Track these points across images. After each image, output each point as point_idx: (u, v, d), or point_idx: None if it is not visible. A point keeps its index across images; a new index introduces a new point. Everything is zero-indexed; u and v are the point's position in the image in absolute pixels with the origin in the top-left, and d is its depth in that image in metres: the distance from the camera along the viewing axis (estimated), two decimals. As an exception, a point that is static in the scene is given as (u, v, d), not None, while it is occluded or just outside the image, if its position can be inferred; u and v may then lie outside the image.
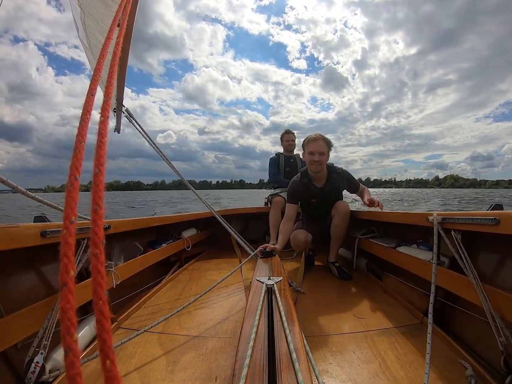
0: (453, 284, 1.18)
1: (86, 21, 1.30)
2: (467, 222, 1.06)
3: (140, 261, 1.76)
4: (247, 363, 0.59)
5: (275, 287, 1.00)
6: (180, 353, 1.14)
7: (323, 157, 2.03)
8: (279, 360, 0.60)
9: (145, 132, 2.09)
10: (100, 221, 0.24)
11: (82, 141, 0.26)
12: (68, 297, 0.23)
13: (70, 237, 0.24)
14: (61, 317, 0.23)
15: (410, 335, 1.22)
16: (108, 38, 0.36)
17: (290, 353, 0.62)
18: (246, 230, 3.48)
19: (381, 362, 1.03)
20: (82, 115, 0.27)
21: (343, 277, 2.01)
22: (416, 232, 1.66)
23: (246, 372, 0.56)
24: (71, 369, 0.22)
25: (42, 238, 0.99)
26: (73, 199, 0.24)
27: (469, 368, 0.95)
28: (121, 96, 1.90)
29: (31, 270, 1.12)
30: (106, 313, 0.24)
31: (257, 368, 0.58)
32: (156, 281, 2.03)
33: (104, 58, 0.32)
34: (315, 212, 2.32)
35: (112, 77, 0.31)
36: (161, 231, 2.34)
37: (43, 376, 0.93)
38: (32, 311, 0.96)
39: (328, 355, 1.09)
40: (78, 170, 0.25)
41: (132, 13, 1.33)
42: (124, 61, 1.63)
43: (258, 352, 0.63)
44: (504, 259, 1.07)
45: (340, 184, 2.18)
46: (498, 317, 0.93)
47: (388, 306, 1.53)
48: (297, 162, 3.27)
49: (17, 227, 0.91)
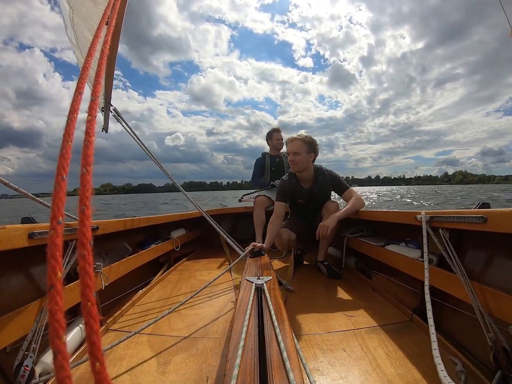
0: (441, 282, 1.20)
1: (74, 19, 1.27)
2: (455, 221, 1.08)
3: (129, 262, 1.73)
4: (238, 363, 0.59)
5: (264, 287, 1.00)
6: (170, 354, 1.13)
7: (297, 157, 2.03)
8: (270, 359, 0.60)
9: (133, 132, 2.10)
10: (87, 222, 0.24)
11: (69, 140, 0.25)
12: (56, 299, 0.23)
13: (58, 238, 0.23)
14: (50, 319, 0.22)
15: (400, 333, 1.24)
16: (97, 36, 0.35)
17: (280, 352, 0.62)
18: (235, 230, 3.48)
19: (371, 360, 1.04)
20: (69, 114, 0.27)
21: (332, 275, 2.03)
22: (404, 231, 1.70)
23: (237, 372, 0.56)
24: (61, 372, 0.22)
25: (30, 240, 0.97)
26: (60, 199, 0.24)
27: (459, 364, 0.97)
28: (109, 95, 1.88)
29: (19, 272, 1.09)
30: (94, 315, 0.23)
31: (248, 368, 0.58)
32: (146, 282, 2.01)
33: (92, 56, 0.32)
34: (303, 212, 2.34)
35: (100, 75, 0.30)
36: (150, 232, 2.31)
37: (33, 380, 0.91)
38: (21, 313, 0.94)
39: (319, 354, 1.10)
40: (65, 170, 0.24)
41: (121, 11, 1.31)
42: (113, 59, 1.61)
43: (248, 352, 0.63)
44: (492, 257, 1.10)
45: (327, 186, 2.18)
46: (486, 313, 0.95)
47: (377, 304, 1.55)
48: (283, 161, 3.26)
49: (4, 228, 0.88)
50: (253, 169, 3.30)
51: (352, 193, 2.10)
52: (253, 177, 3.29)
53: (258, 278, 1.12)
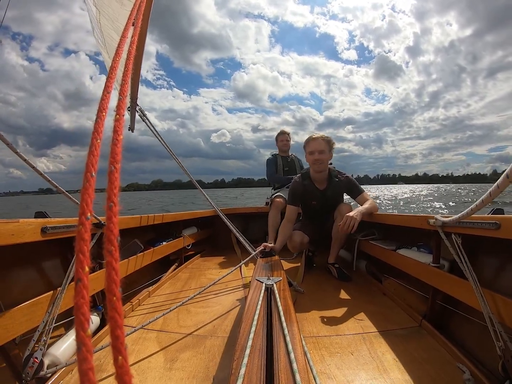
0: (452, 288, 1.18)
1: (101, 20, 1.31)
2: (468, 226, 1.06)
3: (140, 258, 1.76)
4: (245, 362, 0.59)
5: (274, 287, 1.01)
6: (178, 351, 1.14)
7: (323, 155, 2.03)
8: (277, 360, 0.60)
9: (157, 131, 2.17)
10: (115, 218, 0.24)
11: (98, 138, 0.26)
12: (83, 292, 0.23)
13: (86, 233, 0.24)
14: (75, 313, 0.23)
15: (409, 338, 1.22)
16: (123, 36, 0.36)
17: (288, 353, 0.62)
18: (246, 230, 3.50)
19: (378, 364, 1.03)
20: (98, 113, 0.27)
21: (342, 278, 2.02)
22: (416, 235, 1.66)
23: (244, 372, 0.56)
24: (84, 364, 0.22)
25: (43, 234, 0.99)
26: (89, 195, 0.24)
27: (467, 372, 0.95)
28: (135, 95, 1.92)
29: (31, 265, 1.12)
30: (119, 310, 0.24)
31: (255, 368, 0.58)
32: (156, 279, 2.03)
33: (119, 56, 0.33)
34: (315, 214, 2.33)
35: (127, 75, 0.31)
36: (161, 229, 2.34)
37: (41, 372, 0.93)
38: (31, 306, 0.96)
39: (326, 356, 1.09)
40: (94, 167, 0.25)
41: (147, 12, 1.34)
42: (139, 60, 1.65)
43: (256, 352, 0.64)
44: (504, 264, 1.08)
45: (341, 188, 2.17)
46: (497, 321, 0.93)
47: (387, 309, 1.53)
48: (295, 161, 3.29)
49: (18, 222, 0.91)
50: (266, 168, 3.30)
51: (366, 197, 2.10)
52: (269, 174, 3.28)
53: (268, 278, 1.12)
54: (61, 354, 1.02)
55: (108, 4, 1.26)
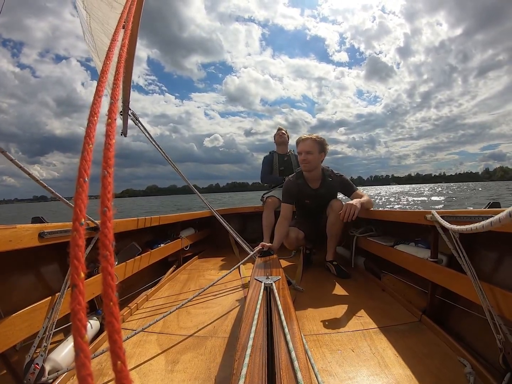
0: (451, 282, 1.19)
1: (91, 24, 1.30)
2: (465, 220, 1.07)
3: (139, 261, 1.75)
4: (247, 362, 0.59)
5: (273, 286, 1.01)
6: (179, 353, 1.14)
7: (309, 156, 2.04)
8: (278, 359, 0.61)
9: (150, 135, 2.13)
10: (109, 223, 0.24)
11: (90, 143, 0.26)
12: (79, 298, 0.23)
13: (80, 239, 0.24)
14: (72, 319, 0.23)
15: (409, 333, 1.23)
16: (114, 39, 0.36)
17: (289, 351, 0.62)
18: (244, 230, 3.49)
19: (380, 360, 1.03)
20: (89, 117, 0.27)
21: (341, 275, 2.02)
22: (414, 231, 1.67)
23: (246, 371, 0.56)
24: (83, 369, 0.22)
25: (40, 239, 0.99)
26: (83, 201, 0.24)
27: (468, 365, 0.96)
28: (127, 99, 1.90)
29: (30, 271, 1.11)
30: (116, 315, 0.24)
31: (256, 367, 0.58)
32: (155, 281, 2.03)
33: (110, 60, 0.32)
34: (309, 213, 2.34)
35: (118, 79, 0.31)
36: (159, 231, 2.33)
37: (42, 378, 0.92)
38: (31, 312, 0.96)
39: (327, 354, 1.09)
40: (86, 172, 0.25)
41: (137, 14, 1.32)
42: (130, 63, 1.63)
43: (257, 351, 0.64)
44: (502, 257, 1.09)
45: (335, 187, 2.19)
46: (496, 314, 0.94)
47: (386, 305, 1.54)
48: (292, 160, 3.27)
49: (15, 228, 0.90)
50: (262, 167, 3.30)
51: (361, 193, 2.12)
52: (262, 175, 3.28)
53: (267, 277, 1.12)
54: (62, 359, 1.02)
55: (98, 7, 1.25)
